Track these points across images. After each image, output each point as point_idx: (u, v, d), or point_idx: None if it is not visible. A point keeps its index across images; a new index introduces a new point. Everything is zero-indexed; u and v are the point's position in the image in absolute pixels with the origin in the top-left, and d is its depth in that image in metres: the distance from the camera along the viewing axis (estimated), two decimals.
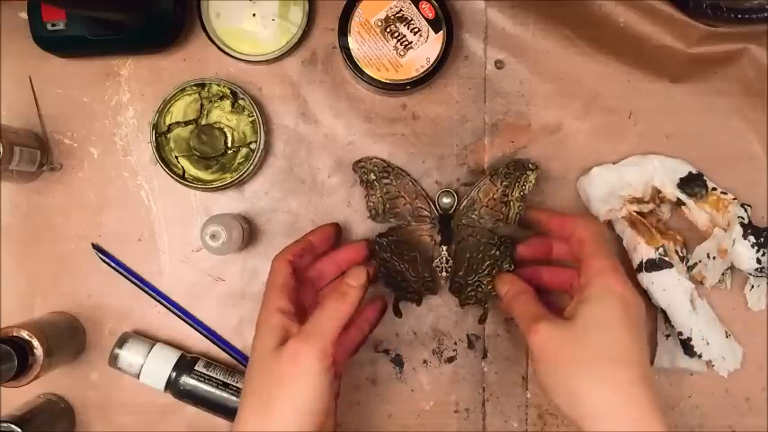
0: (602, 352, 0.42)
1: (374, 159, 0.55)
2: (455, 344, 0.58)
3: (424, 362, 0.58)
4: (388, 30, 0.54)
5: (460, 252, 0.55)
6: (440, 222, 0.55)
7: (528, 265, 0.54)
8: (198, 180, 0.56)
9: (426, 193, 0.56)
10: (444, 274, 0.55)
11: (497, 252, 0.54)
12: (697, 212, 0.56)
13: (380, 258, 0.55)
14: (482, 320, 0.56)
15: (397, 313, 0.56)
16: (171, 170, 0.55)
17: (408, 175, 0.56)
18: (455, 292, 0.56)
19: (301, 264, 0.51)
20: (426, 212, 0.56)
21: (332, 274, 0.54)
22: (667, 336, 0.56)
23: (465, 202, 0.55)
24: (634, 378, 0.42)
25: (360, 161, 0.56)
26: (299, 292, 0.51)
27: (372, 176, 0.55)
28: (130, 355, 0.55)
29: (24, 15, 0.56)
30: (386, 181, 0.55)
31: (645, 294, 0.55)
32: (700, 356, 0.55)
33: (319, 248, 0.54)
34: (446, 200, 0.55)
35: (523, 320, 0.47)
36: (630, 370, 0.42)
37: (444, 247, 0.55)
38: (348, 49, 0.54)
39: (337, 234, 0.56)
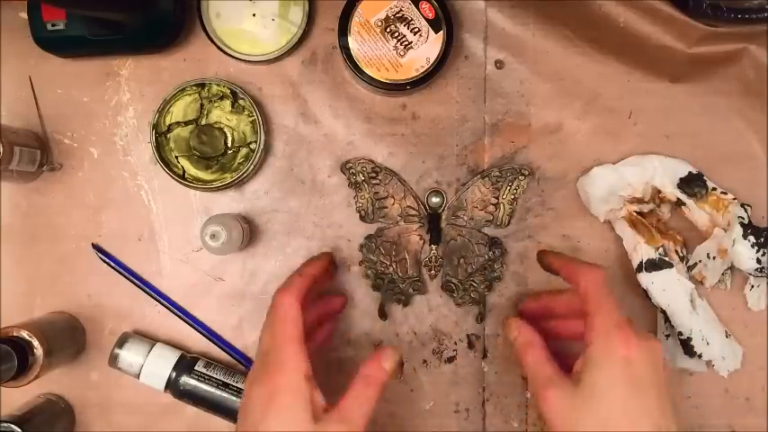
0: (606, 422, 0.41)
1: (362, 160, 0.56)
2: (455, 344, 0.58)
3: (424, 362, 0.58)
4: (388, 30, 0.54)
5: (450, 252, 0.56)
6: (429, 222, 0.56)
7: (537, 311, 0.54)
8: (198, 180, 0.56)
9: (415, 192, 0.56)
10: (433, 272, 0.56)
11: (489, 253, 0.56)
12: (697, 212, 0.56)
13: (368, 261, 0.56)
14: (480, 320, 0.57)
15: (382, 315, 0.57)
16: (171, 170, 0.55)
17: (397, 174, 0.56)
18: (448, 291, 0.57)
19: (306, 300, 0.48)
20: (415, 212, 0.56)
21: (314, 323, 0.52)
22: (667, 336, 0.56)
23: (454, 201, 0.56)
24: None
25: (348, 162, 0.56)
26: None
27: (361, 177, 0.56)
28: (130, 355, 0.55)
29: (24, 15, 0.56)
30: (374, 181, 0.56)
31: (644, 295, 0.55)
32: (700, 356, 0.55)
33: (318, 286, 0.52)
34: (435, 199, 0.56)
35: (534, 382, 0.46)
36: None
37: (433, 247, 0.56)
38: (348, 49, 0.54)
39: (334, 264, 0.56)
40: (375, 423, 0.58)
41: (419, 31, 0.54)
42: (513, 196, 0.55)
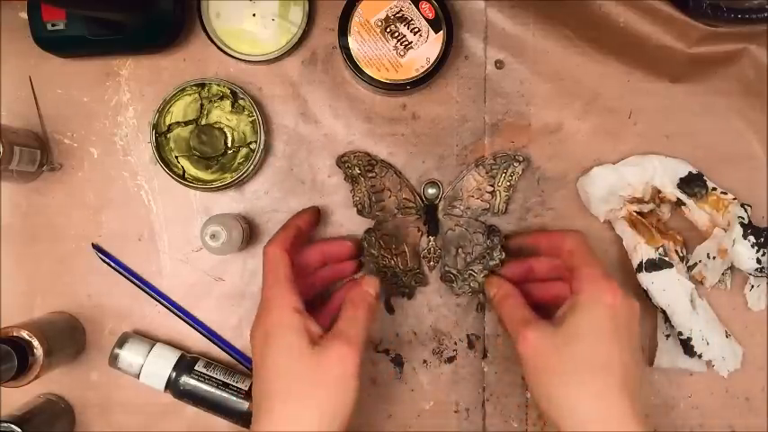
0: (584, 361, 0.44)
1: (358, 153, 0.56)
2: (455, 344, 0.58)
3: (424, 362, 0.58)
4: (388, 30, 0.54)
5: (448, 242, 0.56)
6: (425, 213, 0.56)
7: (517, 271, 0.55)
8: (198, 180, 0.56)
9: (411, 184, 0.56)
10: (431, 263, 0.57)
11: (487, 241, 0.56)
12: (697, 212, 0.56)
13: (369, 255, 0.56)
14: (479, 309, 0.57)
15: (390, 310, 0.57)
16: (171, 170, 0.55)
17: (392, 167, 0.56)
18: (447, 281, 0.57)
19: (292, 253, 0.50)
20: (412, 204, 0.56)
21: (317, 264, 0.54)
22: (667, 336, 0.56)
23: (450, 191, 0.56)
24: (615, 387, 0.43)
25: (343, 156, 0.56)
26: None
27: (357, 171, 0.56)
28: (130, 355, 0.55)
29: (24, 15, 0.56)
30: (371, 174, 0.56)
31: (644, 295, 0.55)
32: (700, 356, 0.55)
33: (305, 234, 0.54)
34: (431, 190, 0.56)
35: (512, 324, 0.48)
36: (611, 379, 0.43)
37: (431, 238, 0.56)
38: (348, 49, 0.54)
39: (319, 217, 0.57)
40: (375, 423, 0.58)
41: (419, 31, 0.54)
42: (508, 183, 0.56)
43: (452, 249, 0.56)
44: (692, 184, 0.56)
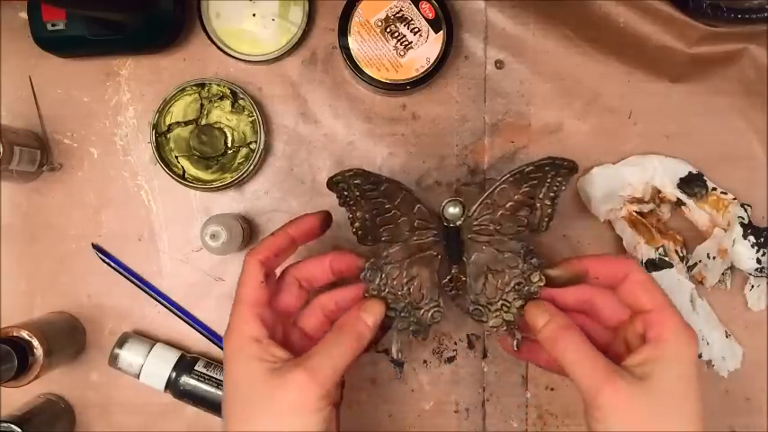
0: (674, 418, 0.40)
1: (354, 171, 0.44)
2: (455, 344, 0.58)
3: (424, 362, 0.58)
4: (388, 30, 0.54)
5: (476, 268, 0.47)
6: (447, 236, 0.47)
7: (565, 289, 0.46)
8: (198, 180, 0.56)
9: (428, 204, 0.47)
10: (454, 293, 0.47)
11: (523, 265, 0.46)
12: (697, 212, 0.56)
13: (374, 289, 0.46)
14: (517, 347, 0.46)
15: (399, 365, 0.47)
16: (171, 170, 0.55)
17: (401, 184, 0.46)
18: (476, 316, 0.47)
19: (277, 263, 0.46)
20: (429, 226, 0.47)
21: (322, 280, 0.47)
22: None
23: (477, 207, 0.47)
24: None
25: (335, 177, 0.45)
26: (281, 295, 0.46)
27: (356, 192, 0.45)
28: (130, 355, 0.55)
29: (24, 15, 0.56)
30: (373, 194, 0.45)
31: None
32: (700, 356, 0.55)
33: (300, 243, 0.47)
34: (453, 209, 0.46)
35: (587, 370, 0.40)
36: None
37: (455, 266, 0.47)
38: (348, 49, 0.54)
39: (324, 224, 0.47)
40: (375, 423, 0.58)
41: (419, 31, 0.54)
42: (552, 194, 0.46)
43: (481, 276, 0.47)
44: (692, 184, 0.56)
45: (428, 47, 0.54)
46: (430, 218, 0.47)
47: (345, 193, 0.45)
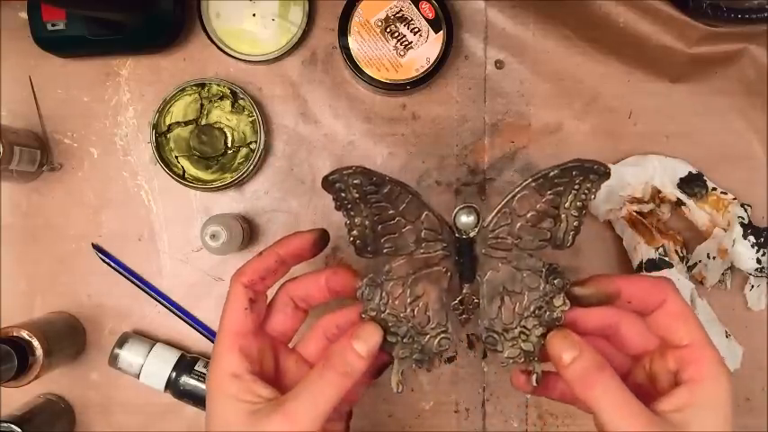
0: None
1: (354, 169, 0.37)
2: (455, 344, 0.58)
3: None
4: (388, 30, 0.54)
5: (491, 288, 0.40)
6: (458, 250, 0.40)
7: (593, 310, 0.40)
8: (198, 180, 0.56)
9: (437, 211, 0.40)
10: (464, 317, 0.41)
11: (546, 286, 0.39)
12: (697, 212, 0.56)
13: (373, 309, 0.39)
14: (537, 383, 0.39)
15: (399, 386, 0.40)
16: (171, 170, 0.55)
17: (407, 186, 0.39)
18: (490, 345, 0.40)
19: (265, 286, 0.41)
20: (438, 237, 0.40)
21: (319, 299, 0.42)
22: None
23: (494, 217, 0.40)
24: None
25: (332, 175, 0.37)
26: (274, 316, 0.42)
27: (355, 194, 0.38)
28: (130, 355, 0.55)
29: (24, 15, 0.56)
30: (374, 198, 0.38)
31: None
32: None
33: (292, 264, 0.42)
34: (466, 218, 0.39)
35: (624, 420, 0.35)
36: None
37: (467, 285, 0.40)
38: (348, 49, 0.54)
39: (318, 244, 0.41)
40: (375, 423, 0.58)
41: (419, 31, 0.54)
42: (580, 203, 0.39)
43: (496, 298, 0.40)
44: (692, 184, 0.56)
45: (428, 47, 0.54)
46: (439, 227, 0.40)
47: (343, 194, 0.38)
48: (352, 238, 0.39)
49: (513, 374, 0.41)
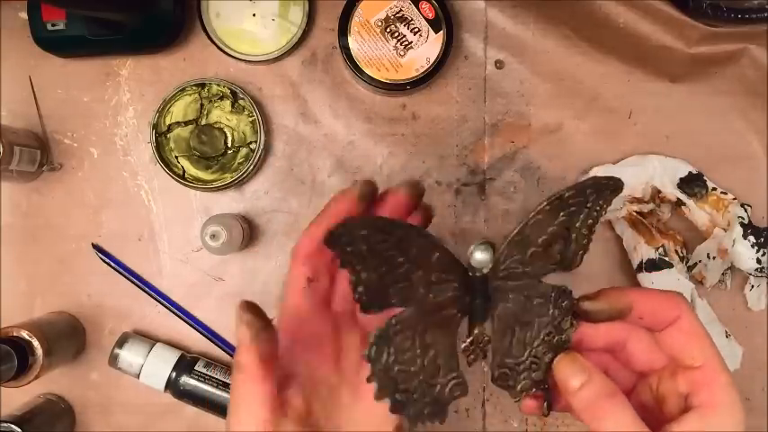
0: None
1: (362, 221, 0.32)
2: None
3: None
4: (388, 30, 0.54)
5: (502, 323, 0.36)
6: (473, 287, 0.35)
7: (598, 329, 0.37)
8: (198, 180, 0.56)
9: (447, 251, 0.34)
10: (472, 357, 0.36)
11: (554, 310, 0.36)
12: (697, 212, 0.56)
13: (380, 370, 0.34)
14: (548, 412, 0.37)
15: None
16: (171, 170, 0.55)
17: (419, 229, 0.34)
18: (503, 382, 0.37)
19: (325, 259, 0.36)
20: (449, 277, 0.35)
21: None
22: None
23: (505, 248, 0.35)
24: None
25: (337, 231, 0.31)
26: (335, 295, 0.37)
27: (363, 247, 0.32)
28: (130, 355, 0.55)
29: (24, 15, 0.56)
30: (383, 246, 0.33)
31: None
32: None
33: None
34: (481, 255, 0.34)
35: None
36: None
37: (478, 324, 0.36)
38: (348, 49, 0.54)
39: (366, 196, 0.36)
40: None
41: (419, 31, 0.54)
42: (591, 221, 0.36)
43: (507, 333, 0.36)
44: (692, 184, 0.56)
45: (428, 47, 0.54)
46: (451, 267, 0.35)
47: (350, 249, 0.32)
48: (357, 296, 0.33)
49: (523, 403, 0.38)
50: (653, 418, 0.35)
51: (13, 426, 0.50)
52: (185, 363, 0.56)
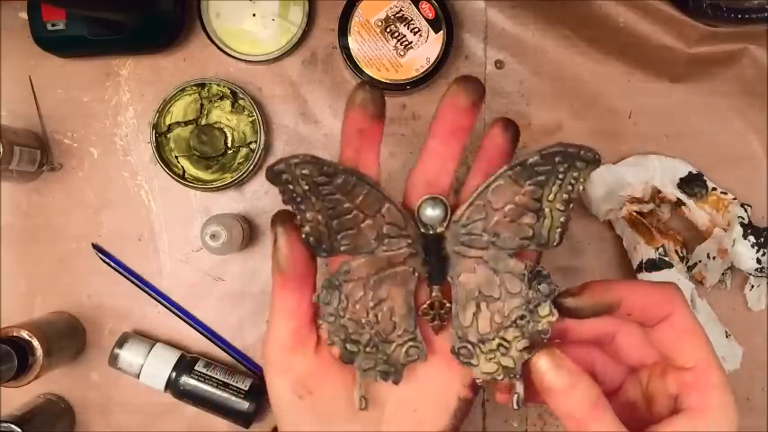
0: None
1: (301, 158, 0.33)
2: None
3: None
4: (388, 30, 0.54)
5: (464, 292, 0.35)
6: (425, 247, 0.35)
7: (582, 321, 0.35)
8: (198, 180, 0.56)
9: (396, 202, 0.35)
10: (436, 323, 0.35)
11: (529, 292, 0.34)
12: (697, 212, 0.56)
13: (331, 315, 0.34)
14: (518, 405, 0.34)
15: (362, 402, 0.35)
16: (171, 170, 0.55)
17: (364, 176, 0.35)
18: (464, 358, 0.35)
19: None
20: (401, 232, 0.35)
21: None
22: None
23: (465, 210, 0.35)
24: None
25: (277, 165, 0.33)
26: None
27: (305, 186, 0.33)
28: (130, 355, 0.55)
29: (24, 15, 0.56)
30: (326, 190, 0.34)
31: None
32: None
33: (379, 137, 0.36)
34: (432, 211, 0.35)
35: None
36: None
37: (436, 287, 0.35)
38: (348, 49, 0.54)
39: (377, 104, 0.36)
40: None
41: (419, 31, 0.54)
42: (566, 195, 0.34)
43: (470, 304, 0.35)
44: (692, 184, 0.56)
45: (428, 47, 0.54)
46: (403, 222, 0.35)
47: (291, 186, 0.33)
48: (304, 235, 0.34)
49: (494, 388, 0.36)
50: (641, 416, 0.34)
51: (13, 426, 0.50)
52: (185, 363, 0.56)
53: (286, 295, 0.34)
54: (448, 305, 0.35)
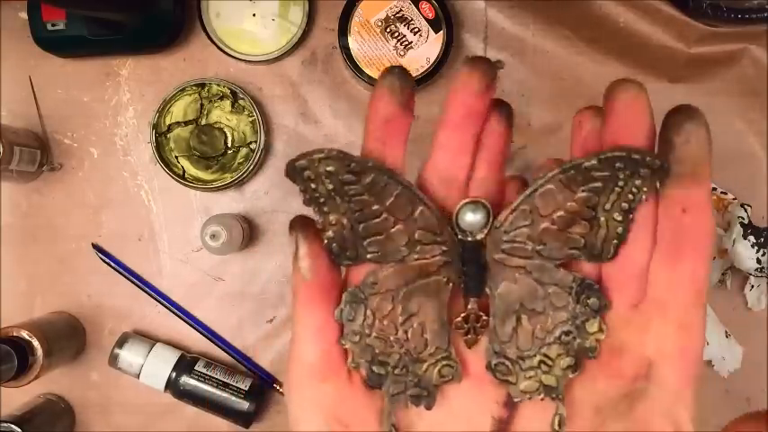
0: None
1: (327, 153, 0.29)
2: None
3: None
4: (388, 30, 0.54)
5: (504, 304, 0.31)
6: (462, 256, 0.31)
7: None
8: (198, 180, 0.56)
9: (432, 205, 0.31)
10: (470, 336, 0.31)
11: (576, 305, 0.30)
12: None
13: (354, 334, 0.30)
14: (559, 427, 0.30)
15: (392, 430, 0.30)
16: (171, 170, 0.55)
17: (395, 174, 0.31)
18: (500, 374, 0.31)
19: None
20: (436, 239, 0.31)
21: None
22: None
23: (508, 215, 0.31)
24: None
25: (299, 160, 0.30)
26: None
27: (329, 185, 0.30)
28: (130, 355, 0.55)
29: (24, 15, 0.56)
30: (353, 189, 0.30)
31: None
32: None
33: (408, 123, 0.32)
34: (472, 216, 0.31)
35: None
36: None
37: (473, 299, 0.31)
38: (348, 49, 0.54)
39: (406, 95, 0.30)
40: None
41: (419, 31, 0.54)
42: (625, 205, 0.30)
43: (511, 318, 0.31)
44: None
45: (428, 47, 0.54)
46: (438, 226, 0.31)
47: (313, 186, 0.30)
48: (326, 240, 0.30)
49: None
50: None
51: (13, 426, 0.50)
52: (185, 363, 0.56)
53: (312, 310, 0.30)
54: (485, 318, 0.31)
